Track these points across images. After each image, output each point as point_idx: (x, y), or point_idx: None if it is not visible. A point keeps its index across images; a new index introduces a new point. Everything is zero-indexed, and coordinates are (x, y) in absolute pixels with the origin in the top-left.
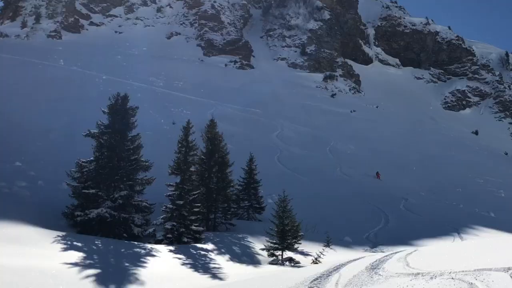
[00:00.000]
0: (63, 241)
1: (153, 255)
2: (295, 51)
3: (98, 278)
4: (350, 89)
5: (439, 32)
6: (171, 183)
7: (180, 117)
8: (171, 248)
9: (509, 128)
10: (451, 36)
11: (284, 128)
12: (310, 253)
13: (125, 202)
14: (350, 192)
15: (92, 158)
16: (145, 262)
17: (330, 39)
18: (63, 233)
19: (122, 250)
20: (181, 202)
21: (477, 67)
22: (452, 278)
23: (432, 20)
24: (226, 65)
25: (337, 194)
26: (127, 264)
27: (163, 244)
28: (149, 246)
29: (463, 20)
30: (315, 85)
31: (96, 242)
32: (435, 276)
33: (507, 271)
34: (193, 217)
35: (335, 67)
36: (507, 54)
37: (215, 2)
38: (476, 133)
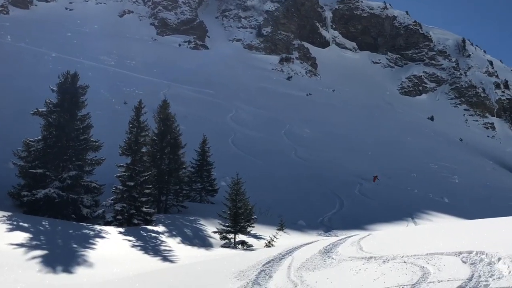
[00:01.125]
0: (8, 222)
1: (102, 237)
2: (251, 33)
3: (45, 260)
4: (306, 72)
5: (396, 17)
6: (121, 164)
7: (132, 97)
8: (121, 230)
9: (464, 114)
10: (408, 21)
11: (239, 110)
12: (263, 237)
13: (74, 183)
14: (305, 176)
15: (40, 137)
16: (93, 244)
17: (287, 21)
18: (9, 213)
19: (70, 231)
20: (132, 184)
21: (434, 53)
22: (405, 262)
23: (390, 5)
24: (180, 45)
25: (292, 178)
26: (75, 246)
27: (113, 225)
28: (98, 227)
29: (421, 6)
30: (271, 67)
31: (43, 223)
32: (388, 260)
33: (458, 255)
34: (144, 199)
35: (291, 50)
36: (463, 41)
37: None
38: (432, 119)
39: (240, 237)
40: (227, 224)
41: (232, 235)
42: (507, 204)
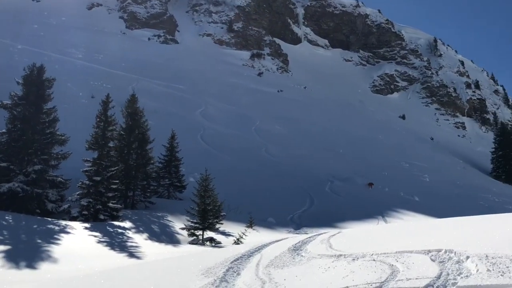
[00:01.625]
0: None
1: (68, 232)
2: (222, 28)
3: (8, 255)
4: (277, 69)
5: (369, 15)
6: (88, 159)
7: (99, 91)
8: (87, 225)
9: (435, 113)
10: (380, 20)
11: (209, 105)
12: (232, 234)
13: (39, 177)
14: (275, 173)
15: (4, 130)
16: (58, 239)
17: (258, 17)
18: None
19: (35, 226)
20: (98, 178)
21: (406, 52)
22: (374, 260)
23: (362, 3)
24: (149, 39)
25: (261, 175)
26: (39, 241)
27: (78, 221)
28: (63, 222)
29: (393, 4)
30: (241, 63)
31: (6, 217)
32: (357, 258)
33: (427, 254)
34: (110, 194)
35: (262, 46)
36: (435, 40)
37: None
38: (404, 117)
39: (208, 234)
40: (195, 221)
41: (200, 232)
42: (477, 203)
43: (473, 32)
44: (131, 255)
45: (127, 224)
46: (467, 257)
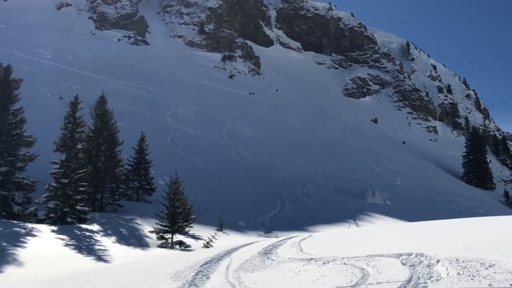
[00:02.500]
0: None
1: (34, 235)
2: (193, 29)
3: None
4: (249, 71)
5: (341, 18)
6: (55, 161)
7: (68, 92)
8: (54, 228)
9: (407, 117)
10: (353, 23)
11: (179, 107)
12: (202, 237)
13: (5, 179)
14: (246, 176)
15: None
16: (24, 242)
17: (230, 19)
18: None
19: (0, 229)
20: (66, 181)
21: (378, 55)
22: (345, 264)
23: (335, 6)
24: (119, 40)
25: (232, 178)
26: (4, 244)
27: (45, 224)
28: (29, 225)
29: (366, 8)
30: (213, 65)
31: None
32: (328, 262)
33: (398, 257)
34: (78, 197)
35: (234, 48)
36: (408, 44)
37: None
38: (376, 121)
39: (178, 237)
40: (165, 224)
41: (169, 235)
42: (448, 206)
43: (445, 37)
44: (99, 258)
45: (95, 227)
46: (438, 261)
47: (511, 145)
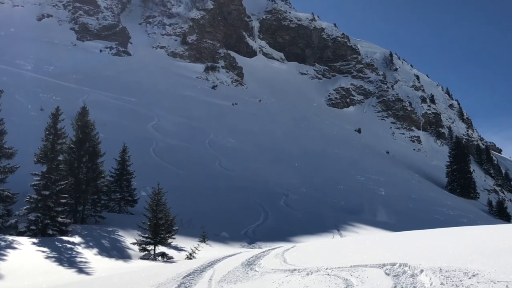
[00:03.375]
0: None
1: (14, 248)
2: (176, 40)
3: None
4: (232, 81)
5: (324, 28)
6: (36, 172)
7: (49, 103)
8: (35, 240)
9: (391, 127)
10: (336, 34)
11: (161, 118)
12: (184, 248)
13: None
14: (229, 187)
15: None
16: (4, 255)
17: (212, 30)
18: None
19: None
20: (47, 193)
21: (362, 65)
22: (328, 274)
23: (318, 17)
24: (101, 50)
25: (215, 188)
26: None
27: (26, 236)
28: (10, 238)
29: (349, 18)
30: (195, 75)
31: None
32: (311, 272)
33: (382, 267)
34: (59, 209)
35: (217, 58)
36: (391, 55)
37: None
38: (359, 131)
39: (160, 248)
40: (147, 235)
41: (151, 247)
42: (432, 216)
43: (428, 47)
44: (81, 270)
45: (76, 239)
46: (421, 271)
47: (494, 155)
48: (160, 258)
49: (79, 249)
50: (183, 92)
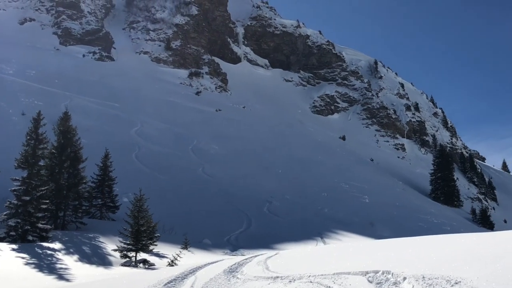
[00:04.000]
0: None
1: None
2: (160, 45)
3: None
4: (216, 88)
5: (309, 35)
6: (17, 178)
7: (31, 108)
8: (14, 246)
9: (375, 135)
10: (321, 41)
11: (144, 124)
12: (166, 255)
13: None
14: (212, 193)
15: None
16: None
17: (197, 35)
18: None
19: None
20: (28, 198)
21: (347, 73)
22: (311, 282)
23: (303, 24)
24: (84, 55)
25: (198, 195)
26: None
27: (5, 242)
28: None
29: (334, 26)
30: (179, 81)
31: None
32: (294, 280)
33: (365, 275)
34: (40, 214)
35: (201, 64)
36: (376, 62)
37: None
38: (344, 138)
39: (142, 255)
40: (128, 242)
41: (133, 254)
42: (416, 224)
43: (413, 55)
44: (60, 277)
45: (57, 245)
46: (404, 278)
47: (478, 163)
48: (141, 265)
49: (60, 255)
50: (166, 98)
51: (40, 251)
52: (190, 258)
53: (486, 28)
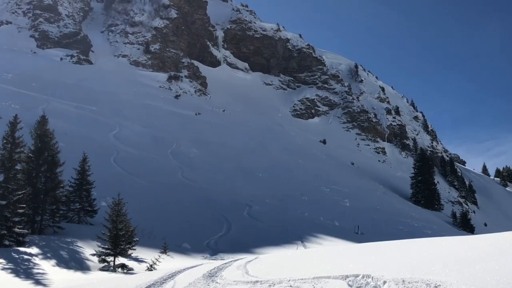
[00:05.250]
0: None
1: None
2: (138, 49)
3: None
4: (195, 91)
5: (289, 39)
6: None
7: (7, 111)
8: None
9: (356, 138)
10: (302, 44)
11: (123, 128)
12: (145, 260)
13: None
14: (191, 197)
15: None
16: None
17: (176, 39)
18: None
19: None
20: (4, 202)
21: (327, 76)
22: (291, 286)
23: (283, 27)
24: (61, 58)
25: (177, 199)
26: None
27: None
28: None
29: (314, 29)
30: (158, 85)
31: None
32: (274, 284)
33: (345, 279)
34: (16, 219)
35: (180, 68)
36: (356, 66)
37: None
38: (324, 142)
39: (120, 260)
40: (107, 247)
41: (111, 258)
42: (396, 227)
43: (394, 59)
44: (38, 282)
45: (34, 250)
46: (384, 282)
47: (458, 167)
48: (120, 269)
49: (37, 260)
50: (145, 101)
51: (17, 256)
52: (169, 262)
53: (466, 33)
